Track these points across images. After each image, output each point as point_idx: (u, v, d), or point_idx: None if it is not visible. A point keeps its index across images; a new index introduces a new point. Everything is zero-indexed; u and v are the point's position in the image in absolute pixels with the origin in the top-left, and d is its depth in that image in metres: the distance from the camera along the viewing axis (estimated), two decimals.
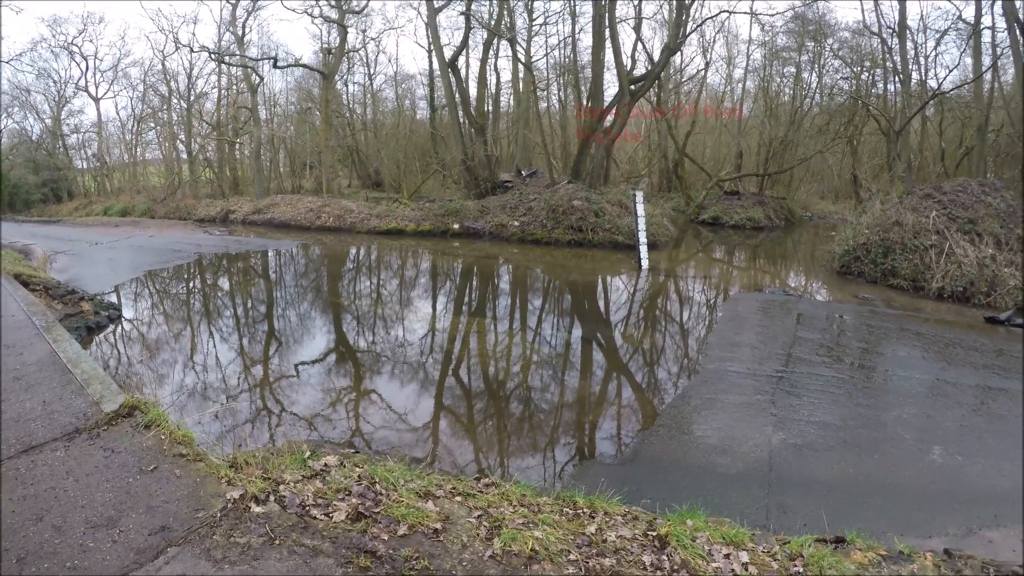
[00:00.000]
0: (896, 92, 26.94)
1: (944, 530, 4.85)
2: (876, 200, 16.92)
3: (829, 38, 28.35)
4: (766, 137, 28.76)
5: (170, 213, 32.56)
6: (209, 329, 11.28)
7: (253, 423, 6.97)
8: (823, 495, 5.33)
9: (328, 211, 25.87)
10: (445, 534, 3.80)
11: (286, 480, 4.34)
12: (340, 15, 30.56)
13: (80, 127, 46.23)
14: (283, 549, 3.54)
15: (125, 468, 4.46)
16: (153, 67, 42.97)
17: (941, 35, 26.27)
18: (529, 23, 31.96)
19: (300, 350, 9.80)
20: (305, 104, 38.55)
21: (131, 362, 9.22)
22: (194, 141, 37.57)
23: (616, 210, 20.59)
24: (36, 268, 15.33)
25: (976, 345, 9.64)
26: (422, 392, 7.98)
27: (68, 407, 5.57)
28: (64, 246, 21.42)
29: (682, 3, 22.48)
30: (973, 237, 13.28)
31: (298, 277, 16.53)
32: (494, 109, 33.56)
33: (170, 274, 16.41)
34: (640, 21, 27.73)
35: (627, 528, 4.12)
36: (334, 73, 32.51)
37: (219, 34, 35.25)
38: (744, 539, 4.06)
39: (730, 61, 34.80)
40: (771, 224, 25.55)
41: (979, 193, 14.36)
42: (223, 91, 37.34)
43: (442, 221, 22.71)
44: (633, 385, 8.27)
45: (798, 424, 6.74)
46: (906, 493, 5.41)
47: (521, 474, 5.72)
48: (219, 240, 23.02)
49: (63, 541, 3.61)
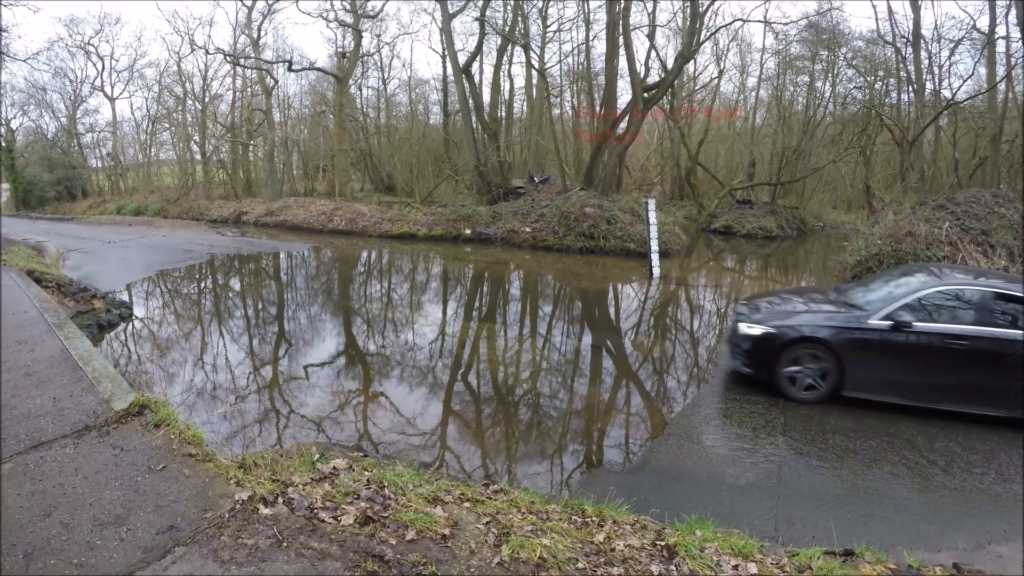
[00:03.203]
0: (910, 102, 26.85)
1: (954, 544, 4.80)
2: (889, 210, 16.82)
3: (843, 47, 28.27)
4: (779, 146, 28.67)
5: (183, 213, 32.77)
6: (219, 329, 11.32)
7: (261, 424, 6.97)
8: (832, 507, 5.28)
9: (340, 214, 25.95)
10: (453, 540, 3.79)
11: (295, 482, 4.34)
12: (355, 19, 30.71)
13: (95, 126, 46.87)
14: (291, 551, 3.54)
15: (134, 467, 4.47)
16: (168, 68, 43.38)
17: (955, 45, 26.08)
18: (543, 30, 32.03)
19: (310, 352, 9.81)
20: (319, 107, 38.69)
21: (141, 360, 9.25)
22: (208, 142, 37.82)
23: (628, 217, 20.55)
24: (49, 265, 15.45)
25: None
26: (431, 396, 7.96)
27: (78, 404, 5.60)
28: (77, 244, 21.59)
29: (696, 11, 22.47)
30: (986, 249, 13.19)
31: (309, 279, 16.57)
32: (507, 115, 33.62)
33: (182, 274, 16.49)
34: (654, 29, 27.77)
35: (635, 537, 4.10)
36: (348, 77, 32.65)
37: (234, 36, 35.55)
38: (753, 550, 4.03)
39: (743, 70, 34.77)
40: (783, 233, 25.43)
41: (992, 204, 14.26)
42: (238, 93, 37.60)
43: (454, 226, 22.73)
44: (642, 393, 8.23)
45: (808, 434, 6.69)
46: (916, 505, 5.36)
47: (529, 481, 5.70)
48: (231, 241, 23.13)
49: (70, 538, 3.62)
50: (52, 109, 45.37)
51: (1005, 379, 6.96)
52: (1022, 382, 6.90)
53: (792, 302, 8.32)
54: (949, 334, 7.08)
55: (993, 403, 7.08)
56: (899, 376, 7.28)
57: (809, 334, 7.47)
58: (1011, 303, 7.12)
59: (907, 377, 7.26)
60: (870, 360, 7.33)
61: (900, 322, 7.19)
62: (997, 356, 6.97)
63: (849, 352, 7.33)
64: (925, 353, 7.17)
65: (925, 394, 7.23)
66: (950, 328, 7.12)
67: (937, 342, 7.11)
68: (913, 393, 7.27)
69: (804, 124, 28.43)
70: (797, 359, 7.52)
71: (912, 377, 7.25)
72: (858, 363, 7.34)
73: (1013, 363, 6.89)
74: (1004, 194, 15.18)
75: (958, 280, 7.56)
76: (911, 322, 7.18)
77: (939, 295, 7.37)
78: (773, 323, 7.71)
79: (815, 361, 7.48)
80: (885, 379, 7.33)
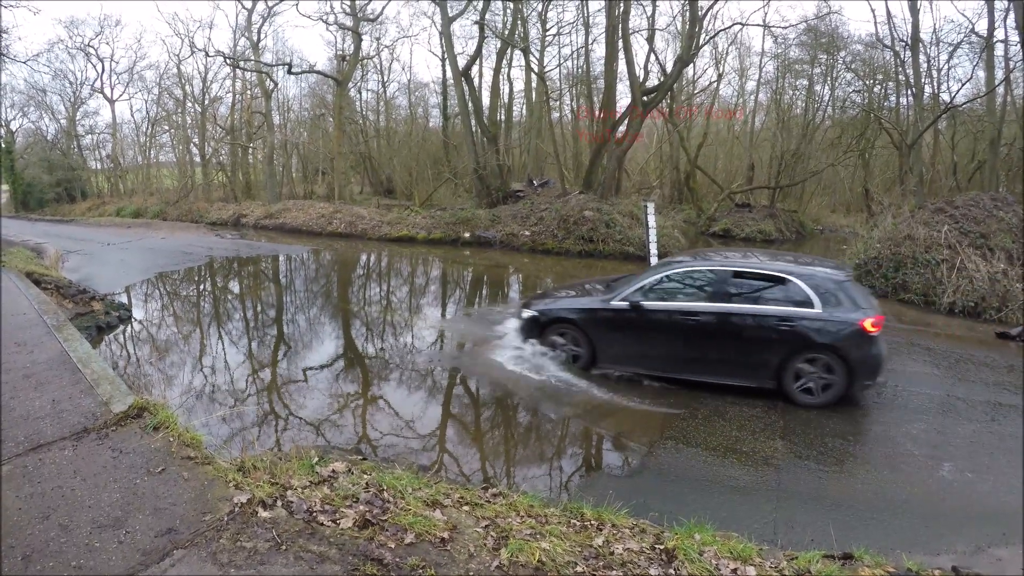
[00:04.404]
0: (908, 105, 26.76)
1: (953, 547, 4.79)
2: (888, 214, 16.79)
3: (842, 51, 28.21)
4: (778, 149, 28.64)
5: (182, 216, 32.77)
6: (218, 332, 11.32)
7: (260, 427, 6.97)
8: (831, 510, 5.28)
9: (340, 217, 25.95)
10: (452, 543, 3.79)
11: (294, 485, 4.34)
12: (355, 22, 30.73)
13: (95, 128, 46.79)
14: (289, 555, 3.54)
15: (133, 469, 4.47)
16: (168, 70, 43.17)
17: (954, 48, 25.98)
18: (542, 33, 32.02)
19: (309, 355, 9.82)
20: (318, 110, 38.68)
21: (140, 362, 9.25)
22: (207, 145, 37.80)
23: (627, 221, 20.56)
24: (48, 267, 15.45)
25: (987, 361, 9.55)
26: (430, 400, 7.97)
27: (77, 406, 5.60)
28: (76, 246, 21.59)
29: (695, 15, 22.48)
30: (985, 252, 13.17)
31: (308, 282, 16.57)
32: (507, 118, 33.61)
33: (181, 276, 16.50)
34: (653, 32, 27.71)
35: (634, 541, 4.10)
36: (348, 80, 32.68)
37: (234, 39, 35.54)
38: (752, 554, 4.03)
39: (743, 73, 34.72)
40: (782, 237, 25.42)
41: (991, 207, 14.25)
42: (237, 96, 37.55)
43: (453, 229, 22.73)
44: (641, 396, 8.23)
45: (806, 437, 6.69)
46: (915, 510, 5.36)
47: (528, 484, 5.70)
48: (230, 244, 23.14)
49: (69, 540, 3.62)
50: (52, 111, 45.39)
51: (743, 351, 7.61)
52: (761, 354, 7.50)
53: (564, 292, 9.58)
54: (679, 311, 7.89)
55: (739, 375, 7.75)
56: (640, 350, 8.19)
57: (563, 316, 8.67)
58: (750, 280, 7.80)
59: (647, 351, 8.14)
60: (614, 337, 8.33)
61: (634, 303, 8.07)
62: (732, 330, 7.64)
63: (592, 329, 8.39)
64: (660, 330, 8.01)
65: (673, 367, 8.03)
66: (681, 306, 7.93)
67: (666, 319, 7.95)
68: (660, 366, 8.12)
69: (803, 128, 28.40)
70: (561, 333, 8.66)
71: (653, 351, 8.11)
72: (603, 339, 8.37)
73: (750, 336, 7.54)
74: (1003, 197, 15.17)
75: (690, 263, 8.37)
76: (641, 303, 8.04)
77: (678, 276, 8.23)
78: (538, 308, 9.00)
79: (567, 337, 8.60)
80: (627, 353, 8.28)
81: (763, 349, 7.50)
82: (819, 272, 7.64)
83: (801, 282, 7.47)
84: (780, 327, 7.41)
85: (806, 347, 7.33)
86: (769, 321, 7.47)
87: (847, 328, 7.21)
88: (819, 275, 7.57)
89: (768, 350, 7.48)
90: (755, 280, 7.74)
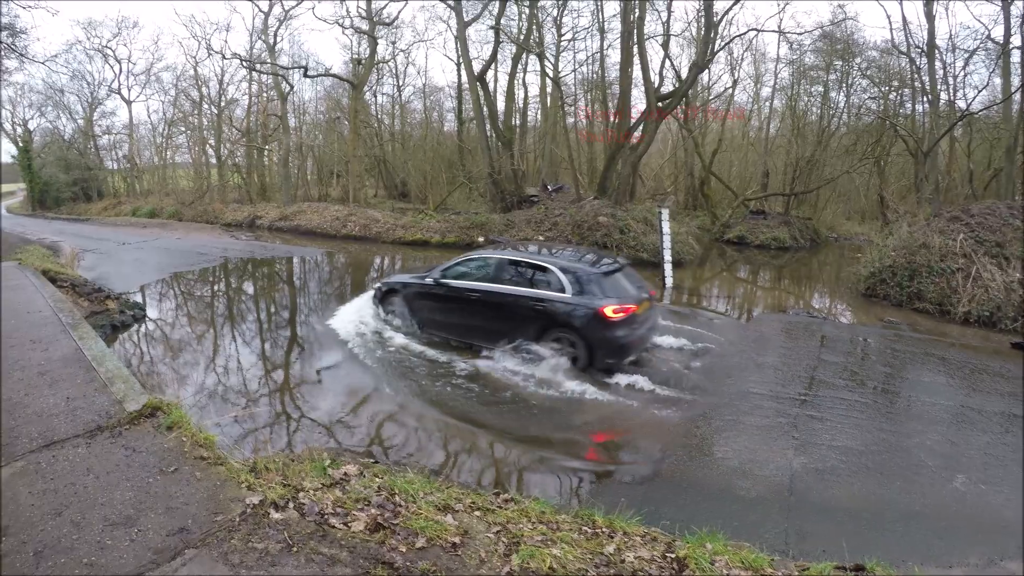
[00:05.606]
0: (924, 112, 26.61)
1: (965, 560, 4.74)
2: (903, 222, 16.66)
3: (857, 57, 28.02)
4: (793, 156, 28.47)
5: (197, 216, 32.98)
6: (232, 332, 11.37)
7: (272, 427, 7.00)
8: (843, 521, 5.24)
9: (354, 220, 26.02)
10: (463, 548, 3.78)
11: (306, 487, 4.34)
12: (370, 26, 30.83)
13: (112, 128, 47.15)
14: (301, 556, 3.54)
15: (145, 468, 4.49)
16: (185, 72, 43.23)
17: (970, 55, 25.73)
18: (558, 38, 32.07)
19: (322, 355, 9.83)
20: (334, 113, 38.80)
21: (154, 361, 9.31)
22: (223, 146, 38.00)
23: (641, 227, 20.49)
24: (64, 265, 15.58)
25: (1002, 372, 9.44)
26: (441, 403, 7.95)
27: (91, 404, 5.63)
28: (92, 245, 21.78)
29: (710, 21, 22.44)
30: (1001, 261, 13.04)
31: (322, 284, 16.62)
32: (521, 123, 33.63)
33: (195, 276, 16.59)
34: (668, 38, 27.68)
35: (645, 549, 4.08)
36: (363, 83, 32.79)
37: (251, 42, 35.70)
38: (763, 564, 4.00)
39: (758, 79, 34.58)
40: (797, 244, 25.26)
41: (1007, 216, 14.12)
42: (253, 98, 37.75)
43: (467, 233, 22.72)
44: (654, 403, 8.19)
45: (820, 448, 6.64)
46: (928, 521, 5.30)
47: (539, 491, 5.69)
48: (245, 245, 23.26)
49: (81, 537, 3.63)
50: (69, 111, 45.80)
51: (510, 324, 9.06)
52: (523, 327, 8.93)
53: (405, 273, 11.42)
54: (466, 288, 9.56)
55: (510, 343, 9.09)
56: (442, 319, 9.97)
57: (393, 288, 10.63)
58: (523, 268, 9.33)
59: (446, 319, 9.91)
60: (426, 306, 10.11)
61: (438, 281, 9.85)
62: (502, 305, 9.18)
63: (410, 300, 10.29)
64: (453, 302, 9.72)
65: (463, 332, 9.74)
66: (467, 284, 9.59)
67: (457, 295, 9.63)
68: (455, 332, 9.85)
69: (818, 134, 28.21)
70: (392, 302, 10.67)
71: (450, 320, 9.86)
72: (420, 308, 10.21)
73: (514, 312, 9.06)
74: (1019, 206, 15.00)
75: (483, 253, 10.24)
76: (442, 280, 9.83)
77: (471, 262, 9.94)
78: (383, 282, 11.01)
79: (396, 304, 10.58)
80: (434, 319, 10.07)
81: (525, 323, 8.94)
82: (580, 266, 8.97)
83: (559, 272, 8.89)
84: (536, 307, 8.87)
85: (555, 325, 8.71)
86: (528, 302, 8.96)
87: (588, 312, 8.45)
88: (578, 268, 8.92)
89: (528, 324, 8.91)
90: (527, 268, 9.27)
